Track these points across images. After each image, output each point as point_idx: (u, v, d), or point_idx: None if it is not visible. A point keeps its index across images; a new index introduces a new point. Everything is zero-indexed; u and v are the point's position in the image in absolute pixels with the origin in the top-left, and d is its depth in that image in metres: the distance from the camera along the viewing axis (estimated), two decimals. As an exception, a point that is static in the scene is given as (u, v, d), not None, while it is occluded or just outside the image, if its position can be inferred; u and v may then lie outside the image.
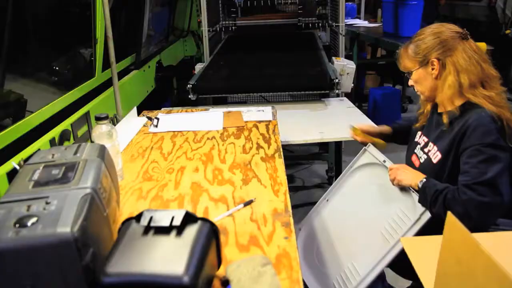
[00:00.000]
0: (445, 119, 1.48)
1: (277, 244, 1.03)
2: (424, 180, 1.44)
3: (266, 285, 0.86)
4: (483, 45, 3.14)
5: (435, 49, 1.46)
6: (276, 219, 1.13)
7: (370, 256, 1.51)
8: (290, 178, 3.40)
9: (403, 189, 1.52)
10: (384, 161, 1.65)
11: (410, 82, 1.58)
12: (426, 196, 1.40)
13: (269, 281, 0.87)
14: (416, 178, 1.46)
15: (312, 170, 3.63)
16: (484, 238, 1.10)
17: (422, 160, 1.57)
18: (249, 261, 0.92)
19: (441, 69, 1.47)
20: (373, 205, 1.65)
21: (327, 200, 1.90)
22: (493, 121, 1.36)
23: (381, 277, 1.67)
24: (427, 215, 1.41)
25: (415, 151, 1.62)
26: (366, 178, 1.75)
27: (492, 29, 4.98)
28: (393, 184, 1.55)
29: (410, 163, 1.64)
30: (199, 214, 1.18)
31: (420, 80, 1.53)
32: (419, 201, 1.44)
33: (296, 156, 3.61)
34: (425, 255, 1.05)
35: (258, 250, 1.01)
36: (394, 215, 1.52)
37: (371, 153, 1.73)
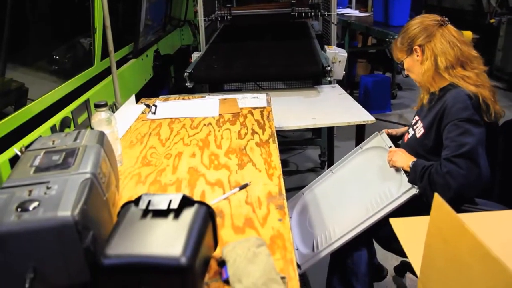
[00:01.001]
0: (425, 99, 1.62)
1: (271, 226, 1.06)
2: (415, 160, 1.53)
3: (261, 265, 0.88)
4: (468, 34, 3.19)
5: (417, 37, 1.57)
6: (270, 202, 1.16)
7: (350, 221, 1.65)
8: (284, 163, 3.44)
9: (397, 170, 1.63)
10: (390, 147, 1.75)
11: (406, 72, 1.68)
12: (416, 174, 1.49)
13: (264, 261, 0.89)
14: (408, 160, 1.55)
15: (305, 155, 3.67)
16: (468, 218, 1.14)
17: (410, 136, 1.68)
18: (245, 242, 0.95)
19: (422, 55, 1.57)
20: (369, 182, 1.78)
21: (333, 172, 2.03)
22: (469, 98, 1.45)
23: (372, 254, 1.74)
24: (408, 194, 1.52)
25: (409, 129, 1.73)
26: (371, 159, 1.87)
27: (477, 19, 5.00)
28: (389, 166, 1.64)
29: (403, 141, 1.76)
30: (196, 197, 1.21)
31: (410, 68, 1.63)
32: (409, 180, 1.52)
33: (290, 142, 3.65)
34: (413, 235, 1.09)
35: (253, 232, 1.04)
36: (381, 192, 1.63)
37: (382, 139, 1.85)
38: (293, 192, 2.15)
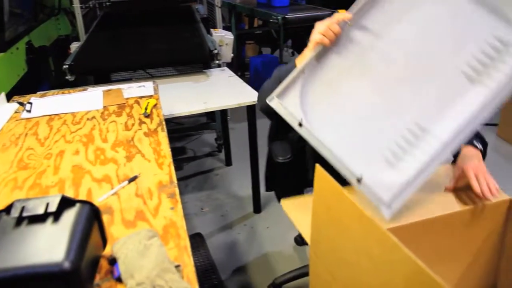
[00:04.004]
0: None
1: (164, 215, 1.04)
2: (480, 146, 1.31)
3: (153, 256, 0.86)
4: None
5: None
6: (161, 192, 1.14)
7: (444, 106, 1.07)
8: (181, 150, 3.40)
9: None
10: None
11: None
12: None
13: (155, 252, 0.87)
14: (478, 156, 1.27)
15: (202, 140, 3.68)
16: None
17: None
18: (135, 236, 0.92)
19: None
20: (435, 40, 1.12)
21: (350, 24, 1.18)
22: None
23: None
24: None
25: None
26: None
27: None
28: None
29: None
30: (82, 196, 1.14)
31: None
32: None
33: (185, 128, 3.61)
34: (303, 211, 1.14)
35: (145, 224, 1.01)
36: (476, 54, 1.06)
37: None
38: (192, 178, 2.13)
